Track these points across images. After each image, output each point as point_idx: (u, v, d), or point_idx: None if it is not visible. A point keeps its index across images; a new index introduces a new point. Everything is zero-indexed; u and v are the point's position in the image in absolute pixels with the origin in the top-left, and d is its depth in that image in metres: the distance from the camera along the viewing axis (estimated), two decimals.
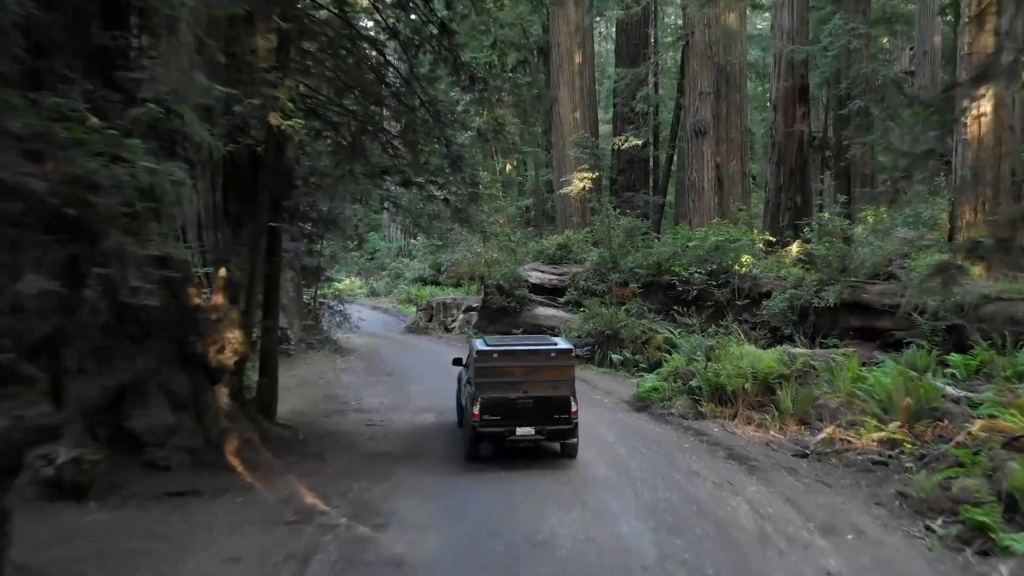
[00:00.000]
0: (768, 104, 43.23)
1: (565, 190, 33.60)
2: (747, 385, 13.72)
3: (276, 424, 12.56)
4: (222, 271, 11.56)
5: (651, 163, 40.80)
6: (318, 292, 23.24)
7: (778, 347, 16.50)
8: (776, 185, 37.70)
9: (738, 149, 35.67)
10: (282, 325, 20.65)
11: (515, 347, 11.89)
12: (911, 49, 39.30)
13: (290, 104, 10.29)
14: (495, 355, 11.30)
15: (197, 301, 10.95)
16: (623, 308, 20.64)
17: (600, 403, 15.60)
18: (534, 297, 24.07)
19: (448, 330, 26.44)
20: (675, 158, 38.77)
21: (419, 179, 13.20)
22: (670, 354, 18.13)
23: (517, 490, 9.63)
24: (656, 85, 37.90)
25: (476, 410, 10.99)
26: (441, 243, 34.16)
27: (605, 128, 43.18)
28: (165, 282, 9.66)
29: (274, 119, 10.13)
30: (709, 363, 14.65)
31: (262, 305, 12.92)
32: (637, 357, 19.06)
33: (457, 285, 38.31)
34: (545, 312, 23.66)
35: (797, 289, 19.33)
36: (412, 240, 48.86)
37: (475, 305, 25.63)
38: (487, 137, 14.11)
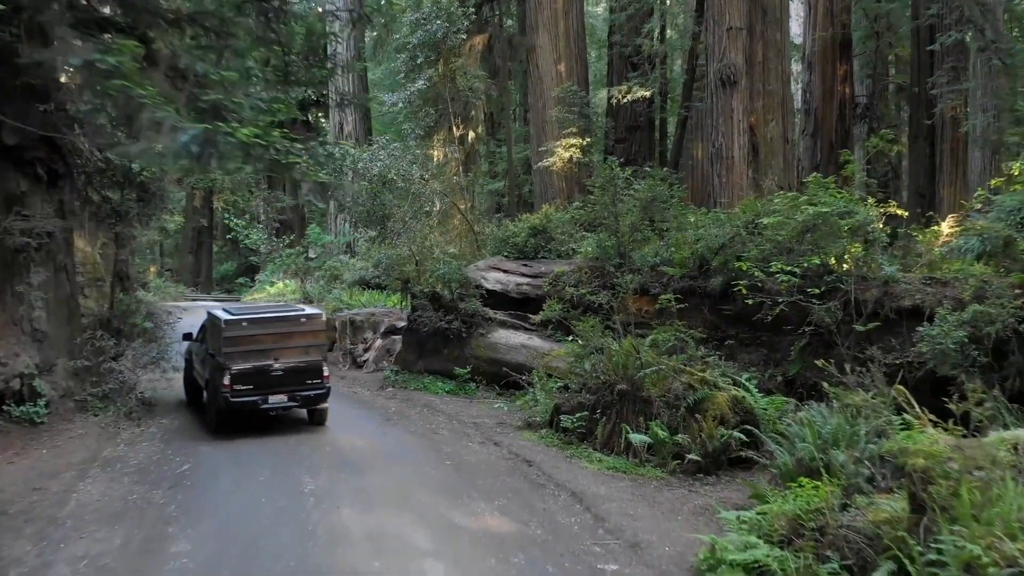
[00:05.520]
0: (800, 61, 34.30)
1: (545, 163, 24.58)
2: None
3: None
4: None
5: (657, 131, 31.76)
6: (121, 306, 13.69)
7: (1000, 433, 7.30)
8: (811, 162, 29.09)
9: (779, 105, 26.21)
10: (24, 370, 11.32)
11: (263, 314, 11.66)
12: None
13: None
14: (244, 323, 11.12)
15: None
16: (648, 339, 11.29)
17: None
18: (492, 314, 14.67)
19: (358, 364, 16.85)
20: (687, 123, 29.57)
21: None
22: (748, 438, 8.90)
23: None
24: (663, 17, 28.66)
25: (227, 381, 10.77)
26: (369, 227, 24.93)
27: (597, 105, 34.13)
28: None
29: None
30: (922, 517, 5.33)
31: None
32: (678, 437, 9.74)
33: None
34: (510, 339, 14.29)
35: (982, 304, 10.09)
36: (355, 233, 39.44)
37: (401, 325, 16.23)
38: None
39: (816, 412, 8.22)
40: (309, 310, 11.97)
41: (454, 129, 30.01)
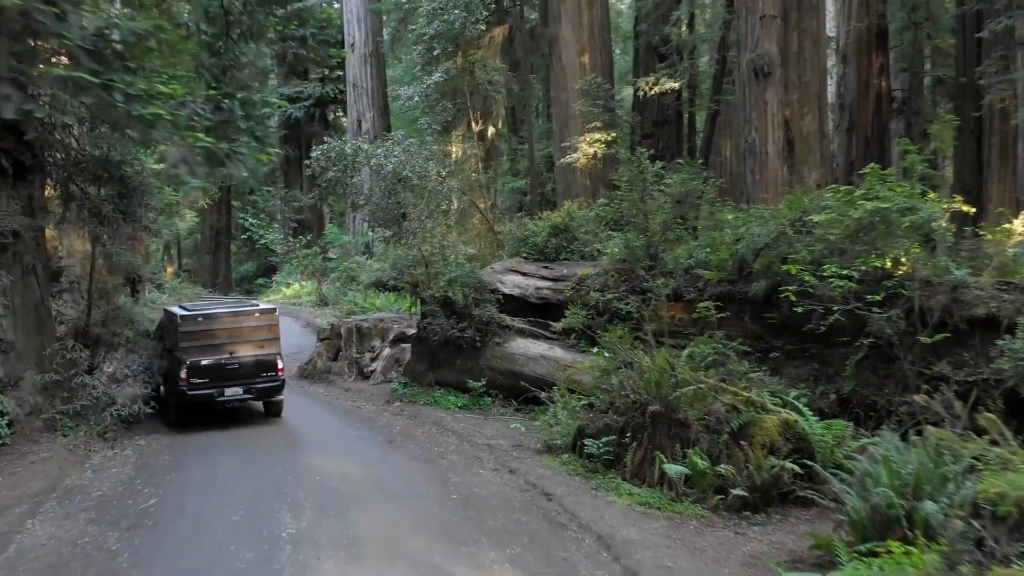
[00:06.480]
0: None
1: (568, 159, 23.28)
2: None
3: None
4: None
5: (686, 127, 30.35)
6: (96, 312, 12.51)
7: None
8: (846, 158, 27.55)
9: (815, 98, 24.63)
10: None
11: (218, 310, 11.99)
12: None
13: None
14: (199, 318, 11.49)
15: None
16: (684, 352, 9.98)
17: None
18: (509, 321, 13.40)
19: (365, 375, 15.66)
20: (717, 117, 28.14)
21: None
22: (802, 470, 7.58)
23: None
24: (692, 4, 27.25)
25: (184, 374, 11.20)
26: (384, 226, 23.57)
27: (623, 100, 32.72)
28: None
29: None
30: None
31: None
32: (721, 468, 8.43)
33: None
34: (528, 349, 13.01)
35: None
36: (372, 233, 38.27)
37: (411, 332, 15.01)
38: None
39: (889, 444, 6.87)
40: (263, 305, 12.55)
41: (473, 124, 28.76)
